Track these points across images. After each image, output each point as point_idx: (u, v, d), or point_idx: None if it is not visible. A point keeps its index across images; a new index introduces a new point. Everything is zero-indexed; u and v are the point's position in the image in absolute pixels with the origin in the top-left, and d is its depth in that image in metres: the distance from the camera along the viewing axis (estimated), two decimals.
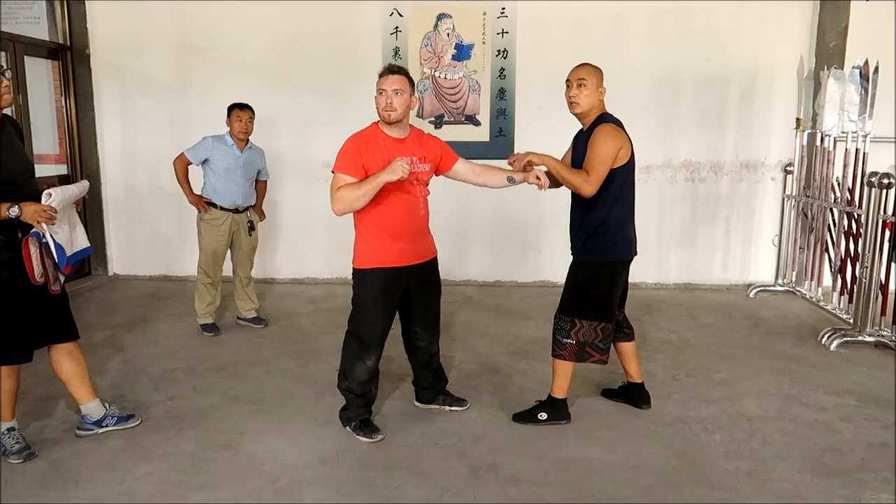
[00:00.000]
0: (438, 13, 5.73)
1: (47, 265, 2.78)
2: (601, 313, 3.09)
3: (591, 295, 3.09)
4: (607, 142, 2.94)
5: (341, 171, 2.90)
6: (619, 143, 2.96)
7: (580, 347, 3.11)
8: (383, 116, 2.96)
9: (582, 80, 3.03)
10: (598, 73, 3.05)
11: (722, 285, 6.00)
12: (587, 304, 3.09)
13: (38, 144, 5.66)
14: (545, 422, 3.20)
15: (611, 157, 2.94)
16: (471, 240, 6.02)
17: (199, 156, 4.40)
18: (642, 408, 3.39)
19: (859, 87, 4.77)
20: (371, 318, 3.06)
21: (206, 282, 4.55)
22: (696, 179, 5.88)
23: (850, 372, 3.94)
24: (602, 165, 2.93)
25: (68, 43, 5.91)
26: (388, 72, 2.96)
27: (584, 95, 3.02)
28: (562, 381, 3.20)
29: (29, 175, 2.86)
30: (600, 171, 2.94)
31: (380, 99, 2.93)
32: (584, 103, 3.04)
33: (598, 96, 3.04)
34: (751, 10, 5.59)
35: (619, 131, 3.00)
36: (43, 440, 3.06)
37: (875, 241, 4.34)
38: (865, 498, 2.63)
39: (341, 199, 2.87)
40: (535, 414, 3.23)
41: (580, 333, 3.09)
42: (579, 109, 3.06)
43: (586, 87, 3.02)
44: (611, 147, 2.94)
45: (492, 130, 5.87)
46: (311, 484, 2.72)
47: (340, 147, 2.95)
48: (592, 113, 3.06)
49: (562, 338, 3.13)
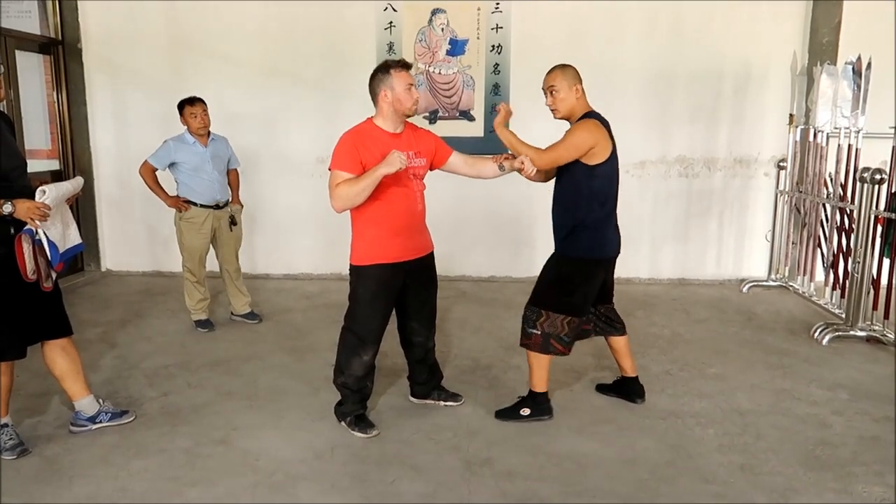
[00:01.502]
0: (433, 8, 5.72)
1: (40, 262, 2.76)
2: (569, 307, 3.08)
3: (563, 289, 3.08)
4: (580, 133, 2.93)
5: (339, 168, 2.88)
6: (594, 138, 2.93)
7: (545, 339, 3.10)
8: (410, 111, 2.95)
9: (552, 86, 3.03)
10: (567, 73, 3.03)
11: (715, 280, 6.03)
12: (556, 297, 3.09)
13: (30, 140, 5.62)
14: (528, 417, 3.20)
15: (576, 147, 2.92)
16: (465, 235, 6.02)
17: (164, 160, 4.34)
18: (636, 402, 3.40)
19: (852, 83, 4.79)
20: (368, 314, 3.05)
21: (193, 280, 4.53)
22: (690, 175, 5.90)
23: (842, 366, 3.97)
24: (564, 150, 2.93)
25: (60, 37, 5.87)
26: (408, 66, 2.96)
27: (559, 100, 3.02)
28: (539, 374, 3.19)
29: (21, 171, 2.84)
30: (559, 153, 2.94)
31: (409, 94, 2.92)
32: (561, 108, 3.04)
33: (575, 95, 3.01)
34: (744, 7, 5.60)
35: (599, 127, 2.96)
36: (37, 437, 3.05)
37: (867, 236, 4.36)
38: (857, 491, 2.66)
39: (341, 195, 2.85)
40: (518, 410, 3.23)
41: (546, 324, 3.09)
42: (560, 115, 3.07)
43: (559, 92, 3.01)
44: (581, 139, 2.92)
45: (486, 126, 5.87)
46: (306, 479, 2.72)
47: (336, 144, 2.93)
48: (576, 112, 3.04)
49: (528, 327, 3.14)
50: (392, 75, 2.92)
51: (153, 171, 4.36)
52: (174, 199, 4.42)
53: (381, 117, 2.99)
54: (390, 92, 2.92)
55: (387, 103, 2.94)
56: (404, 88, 2.92)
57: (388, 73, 2.93)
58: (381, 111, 2.99)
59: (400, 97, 2.92)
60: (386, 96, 2.93)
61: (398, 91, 2.92)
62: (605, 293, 3.30)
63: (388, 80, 2.92)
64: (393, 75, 2.92)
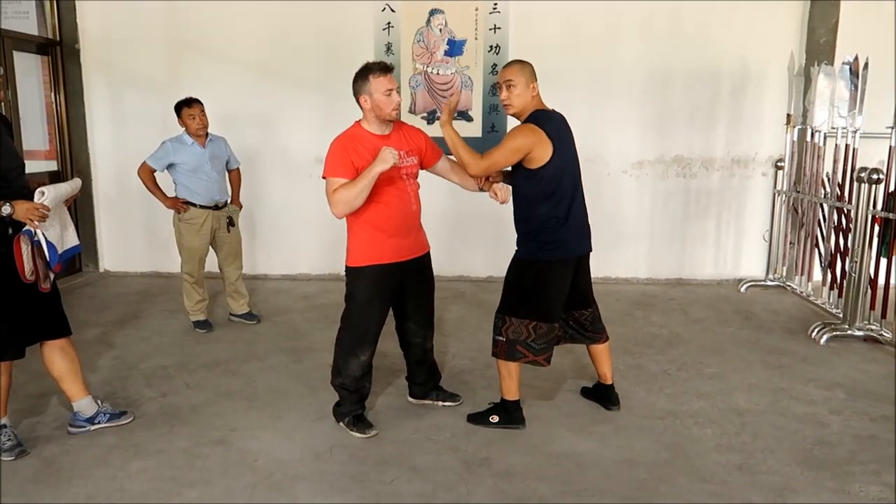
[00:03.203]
0: (431, 9, 5.72)
1: (38, 264, 2.76)
2: (531, 311, 3.00)
3: (520, 292, 3.03)
4: (515, 139, 2.90)
5: (333, 175, 2.88)
6: (530, 142, 2.87)
7: (510, 345, 3.03)
8: (391, 115, 2.94)
9: (509, 80, 2.97)
10: (525, 69, 3.00)
11: (713, 280, 6.04)
12: (515, 301, 3.03)
13: (28, 140, 5.62)
14: (497, 425, 3.14)
15: (511, 151, 2.90)
16: (463, 236, 6.02)
17: (162, 162, 4.33)
18: (610, 409, 3.33)
19: (849, 83, 4.80)
20: (365, 315, 3.05)
21: (191, 281, 4.53)
22: (688, 175, 5.91)
23: (840, 366, 3.97)
24: (500, 156, 2.92)
25: (58, 38, 5.87)
26: (388, 70, 2.93)
27: (515, 95, 2.96)
28: (507, 383, 3.12)
29: (19, 171, 2.84)
30: (495, 159, 2.93)
31: (389, 99, 2.89)
32: (516, 103, 2.99)
33: (531, 93, 2.98)
34: (742, 7, 5.61)
35: (535, 130, 2.89)
36: (35, 437, 3.05)
37: (864, 236, 4.37)
38: (854, 490, 2.66)
39: (340, 200, 2.85)
40: (487, 416, 3.18)
41: (509, 331, 3.03)
42: (513, 111, 3.01)
43: (516, 87, 2.96)
44: (515, 143, 2.89)
45: (484, 126, 5.87)
46: (305, 479, 2.73)
47: (327, 151, 2.92)
48: (527, 110, 3.00)
49: (495, 334, 3.10)
50: (370, 81, 2.89)
51: (152, 172, 4.35)
52: (173, 200, 4.41)
53: (367, 120, 2.99)
54: (369, 98, 2.91)
55: (367, 108, 2.94)
56: (383, 94, 2.88)
57: (366, 78, 2.90)
58: (365, 115, 2.99)
59: (379, 103, 2.90)
60: (366, 102, 2.92)
61: (376, 97, 2.89)
62: (577, 298, 3.17)
63: (367, 86, 2.90)
64: (371, 81, 2.89)
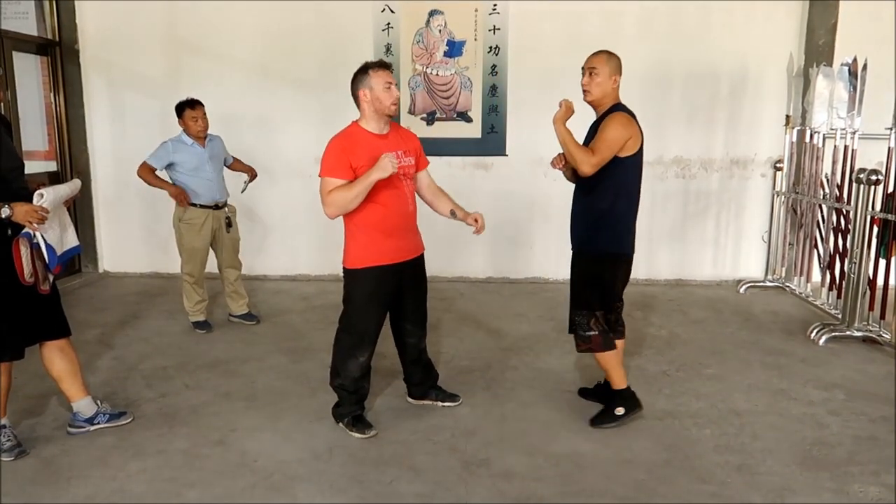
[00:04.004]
0: (430, 9, 5.72)
1: (37, 266, 2.76)
2: (605, 303, 3.11)
3: (599, 285, 3.09)
4: (617, 128, 2.92)
5: (329, 175, 2.88)
6: (629, 132, 2.93)
7: (605, 336, 3.10)
8: (390, 110, 2.95)
9: (593, 68, 3.00)
10: (612, 61, 3.01)
11: (712, 281, 6.04)
12: (595, 295, 3.09)
13: (27, 141, 5.62)
14: (624, 416, 3.17)
15: (618, 144, 2.92)
16: (462, 236, 5.98)
17: (162, 160, 4.33)
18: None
19: (848, 84, 4.80)
20: (363, 317, 3.05)
21: (192, 281, 4.53)
22: (687, 176, 5.91)
23: (839, 366, 3.98)
24: (607, 150, 2.91)
25: (57, 38, 5.87)
26: (387, 66, 2.96)
27: (595, 84, 3.00)
28: (615, 373, 3.17)
29: (19, 172, 2.84)
30: (603, 154, 2.91)
31: (389, 92, 2.91)
32: (595, 91, 3.02)
33: (611, 84, 3.00)
34: (741, 8, 5.61)
35: (631, 121, 2.97)
36: (34, 438, 3.05)
37: (863, 236, 4.38)
38: (853, 490, 2.67)
39: (334, 202, 2.86)
40: (612, 412, 3.19)
41: (599, 324, 3.10)
42: (590, 98, 3.04)
43: (598, 76, 2.99)
44: (619, 133, 2.91)
45: (483, 127, 5.88)
46: (304, 480, 2.73)
47: (324, 151, 2.93)
48: (605, 102, 3.03)
49: (584, 332, 3.12)
50: (370, 75, 2.92)
51: (152, 170, 4.35)
52: (177, 188, 4.36)
53: (365, 119, 2.99)
54: (369, 91, 2.92)
55: (367, 103, 2.94)
56: (383, 87, 2.91)
57: (366, 73, 2.93)
58: (363, 113, 2.99)
59: (379, 96, 2.91)
60: (365, 96, 2.93)
61: (377, 90, 2.91)
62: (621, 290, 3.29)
63: (367, 79, 2.92)
64: (371, 75, 2.92)
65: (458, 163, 5.92)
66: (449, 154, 5.83)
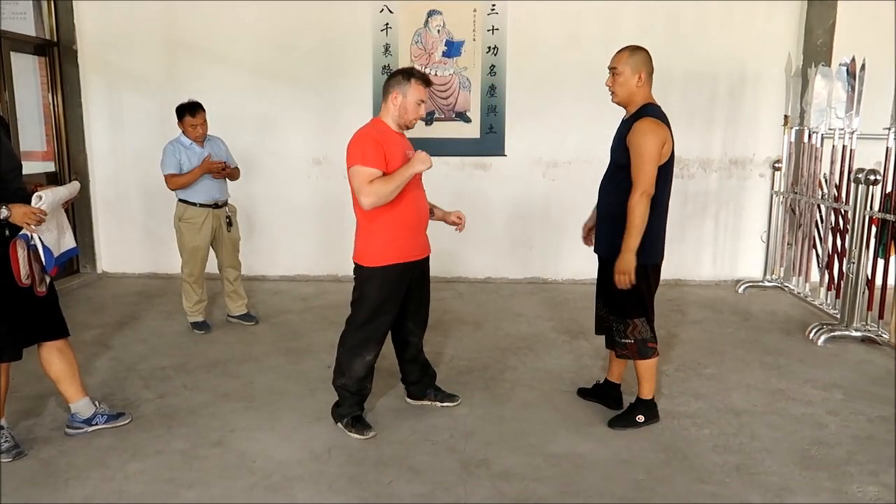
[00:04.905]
0: (429, 10, 5.72)
1: (34, 267, 2.75)
2: (647, 311, 3.08)
3: (637, 294, 3.02)
4: (648, 139, 2.80)
5: (367, 164, 2.84)
6: (661, 138, 2.82)
7: (641, 345, 3.08)
8: (409, 124, 3.00)
9: (614, 68, 2.94)
10: (634, 58, 2.91)
11: (711, 281, 6.05)
12: (636, 304, 3.05)
13: (26, 141, 5.61)
14: (643, 424, 3.16)
15: (656, 154, 2.80)
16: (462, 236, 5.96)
17: (174, 162, 4.33)
18: (613, 409, 3.34)
19: (846, 85, 4.81)
20: (377, 316, 3.04)
21: (192, 281, 4.53)
22: (686, 176, 5.91)
23: (837, 366, 3.98)
24: (647, 165, 2.79)
25: (55, 39, 5.86)
26: (429, 84, 3.00)
27: (618, 84, 2.93)
28: (648, 384, 3.16)
29: (16, 173, 2.83)
30: (647, 172, 2.80)
31: (417, 108, 2.96)
32: (619, 92, 2.95)
33: (636, 82, 2.91)
34: (739, 8, 5.62)
35: (660, 125, 2.85)
36: (32, 439, 3.04)
37: (862, 236, 4.38)
38: (852, 490, 2.67)
39: (375, 192, 2.82)
40: (633, 417, 3.18)
41: (636, 332, 3.07)
42: (617, 99, 2.98)
43: (620, 76, 2.92)
44: (652, 144, 2.80)
45: (482, 127, 5.88)
46: (303, 480, 2.72)
47: (353, 141, 2.91)
48: (635, 100, 2.94)
49: (620, 339, 3.10)
50: (411, 83, 2.94)
51: (175, 174, 4.33)
52: (205, 163, 4.31)
53: (388, 117, 3.01)
54: (401, 97, 2.94)
55: (394, 106, 2.96)
56: (415, 101, 2.95)
57: (408, 80, 2.94)
58: (387, 111, 3.00)
59: (408, 106, 2.95)
60: (396, 99, 2.95)
61: (409, 100, 2.94)
62: None
63: (405, 86, 2.94)
64: (412, 84, 2.94)
65: (456, 163, 5.92)
66: (448, 154, 5.83)
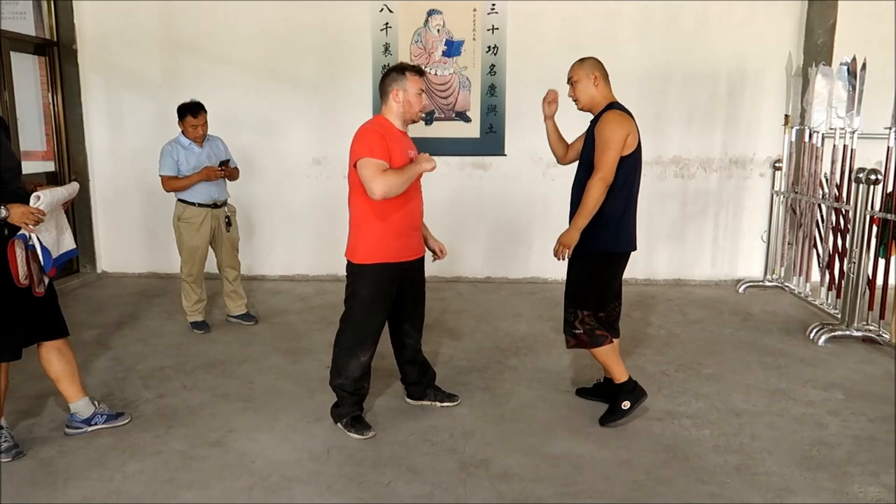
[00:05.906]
0: (428, 9, 5.72)
1: (32, 268, 2.75)
2: (599, 304, 3.13)
3: (593, 285, 3.10)
4: (613, 129, 2.94)
5: (374, 156, 2.84)
6: (626, 129, 2.96)
7: (591, 334, 3.12)
8: (416, 116, 3.01)
9: (571, 77, 3.11)
10: (585, 64, 3.08)
11: (711, 281, 6.04)
12: (586, 294, 3.10)
13: (25, 141, 5.61)
14: (630, 409, 3.17)
15: (619, 143, 2.93)
16: (462, 236, 6.02)
17: (172, 165, 4.33)
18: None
19: (847, 84, 4.80)
20: (368, 315, 3.04)
21: (191, 281, 4.52)
22: (686, 175, 5.91)
23: (838, 366, 3.97)
24: (610, 151, 2.92)
25: (55, 39, 5.86)
26: (422, 73, 3.02)
27: (578, 90, 3.09)
28: (614, 369, 3.18)
29: (16, 172, 2.83)
30: (609, 159, 2.92)
31: (419, 99, 2.98)
32: (582, 98, 3.09)
33: (593, 84, 3.05)
34: (739, 7, 5.61)
35: (625, 117, 2.99)
36: (32, 439, 3.04)
37: (862, 236, 4.38)
38: (852, 491, 2.66)
39: (387, 182, 2.82)
40: (619, 407, 3.18)
41: (584, 323, 3.11)
42: (581, 105, 3.13)
43: (578, 83, 3.08)
44: (617, 133, 2.93)
45: (482, 127, 5.87)
46: (302, 481, 2.72)
47: (358, 136, 2.92)
48: (597, 101, 3.07)
49: (571, 329, 3.15)
50: (407, 77, 2.96)
51: (172, 177, 4.34)
52: (203, 170, 4.32)
53: (391, 114, 3.01)
54: (402, 93, 2.96)
55: (397, 103, 2.97)
56: (416, 92, 2.97)
57: (403, 74, 2.97)
58: (389, 109, 3.00)
59: (411, 100, 2.97)
60: (397, 95, 2.96)
61: (410, 93, 2.96)
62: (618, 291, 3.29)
63: (403, 81, 2.96)
64: (408, 77, 2.96)
65: (456, 163, 5.92)
66: (447, 154, 5.82)
